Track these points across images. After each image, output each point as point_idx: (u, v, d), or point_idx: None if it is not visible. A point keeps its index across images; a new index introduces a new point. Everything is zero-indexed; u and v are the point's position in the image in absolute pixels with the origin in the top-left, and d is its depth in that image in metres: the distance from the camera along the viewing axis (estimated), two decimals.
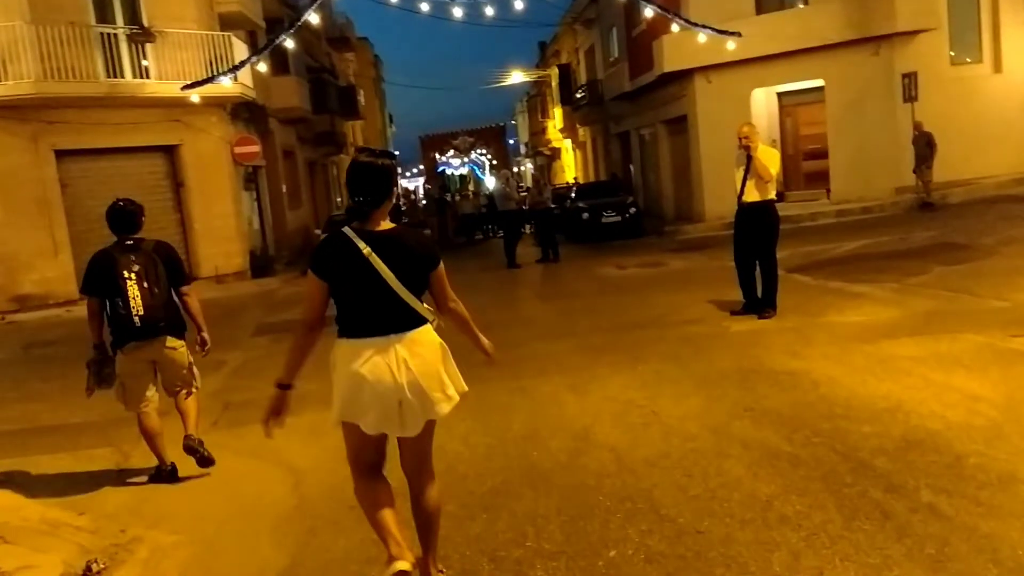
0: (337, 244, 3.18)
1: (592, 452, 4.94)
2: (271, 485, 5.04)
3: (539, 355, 7.95)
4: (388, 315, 3.15)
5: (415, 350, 3.17)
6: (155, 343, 5.22)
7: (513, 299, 12.83)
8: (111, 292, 5.10)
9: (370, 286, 3.12)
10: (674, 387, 6.21)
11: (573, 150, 42.15)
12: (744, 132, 8.25)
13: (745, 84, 19.76)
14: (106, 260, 5.15)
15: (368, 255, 3.11)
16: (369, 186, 3.18)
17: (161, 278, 5.19)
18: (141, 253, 5.18)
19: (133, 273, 5.09)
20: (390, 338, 3.14)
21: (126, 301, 5.05)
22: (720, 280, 10.49)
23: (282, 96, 24.38)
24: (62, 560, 3.88)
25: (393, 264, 3.13)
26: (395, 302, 3.15)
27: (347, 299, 3.18)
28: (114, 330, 5.17)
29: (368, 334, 3.15)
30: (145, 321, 5.09)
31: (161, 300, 5.16)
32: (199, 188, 18.97)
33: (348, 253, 3.13)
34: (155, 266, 5.19)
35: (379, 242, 3.15)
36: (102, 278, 5.12)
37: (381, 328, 3.14)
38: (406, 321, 3.18)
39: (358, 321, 3.17)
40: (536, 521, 4.00)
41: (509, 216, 18.17)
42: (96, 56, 16.99)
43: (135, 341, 5.15)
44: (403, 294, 3.14)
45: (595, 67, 31.67)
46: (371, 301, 3.14)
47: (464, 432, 5.62)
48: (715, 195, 18.83)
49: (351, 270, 3.13)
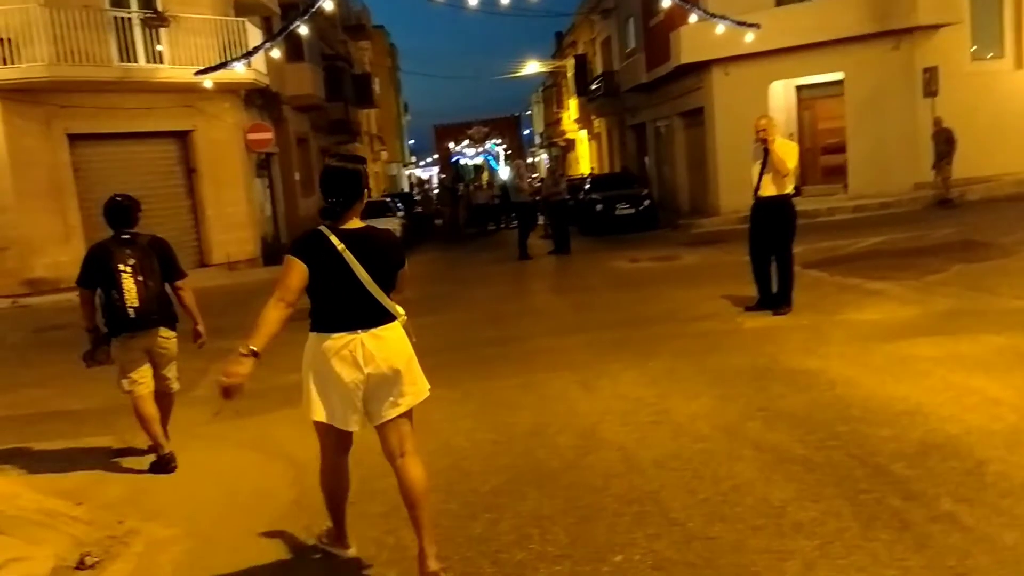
0: (314, 240, 3.35)
1: (600, 451, 4.81)
2: (271, 478, 4.94)
3: (548, 349, 7.82)
4: (358, 310, 3.32)
5: (382, 345, 3.33)
6: (149, 334, 5.33)
7: (524, 291, 12.70)
8: (107, 284, 5.20)
9: (343, 281, 3.30)
10: (685, 385, 6.06)
11: (588, 141, 41.90)
12: (761, 125, 8.07)
13: (763, 77, 19.53)
14: (103, 253, 5.27)
15: (343, 251, 3.29)
16: (341, 188, 3.39)
17: (155, 272, 5.32)
18: (137, 247, 5.30)
19: (129, 266, 5.20)
20: (358, 333, 3.30)
21: (121, 293, 5.15)
22: (735, 275, 10.32)
23: (296, 83, 24.28)
24: (55, 553, 3.80)
25: (365, 261, 3.32)
26: (366, 298, 3.32)
27: (321, 293, 3.34)
28: (109, 320, 5.28)
29: (339, 328, 3.31)
30: (139, 313, 5.19)
31: (155, 293, 5.28)
32: (211, 174, 18.94)
33: (323, 249, 3.31)
34: (150, 260, 5.31)
35: (352, 239, 3.34)
36: (98, 271, 5.23)
37: (351, 323, 3.31)
38: (375, 317, 3.35)
39: (330, 315, 3.33)
40: (541, 522, 3.88)
41: (522, 207, 18.03)
42: (110, 40, 16.94)
43: (129, 332, 5.26)
44: (373, 290, 3.32)
45: (611, 58, 31.42)
46: (343, 296, 3.31)
47: (469, 428, 5.51)
48: (731, 188, 18.64)
49: (326, 265, 3.30)
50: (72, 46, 16.09)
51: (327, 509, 3.66)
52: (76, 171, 17.19)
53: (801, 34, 18.43)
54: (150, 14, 17.51)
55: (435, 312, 10.79)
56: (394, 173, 57.18)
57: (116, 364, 5.38)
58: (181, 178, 18.95)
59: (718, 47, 18.55)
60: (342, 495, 3.62)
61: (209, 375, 7.97)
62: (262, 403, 6.42)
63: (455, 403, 6.19)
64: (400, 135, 61.86)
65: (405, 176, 63.91)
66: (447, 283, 14.32)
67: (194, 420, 6.44)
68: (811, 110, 21.22)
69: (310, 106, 26.10)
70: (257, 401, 6.34)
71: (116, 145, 17.83)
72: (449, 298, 12.24)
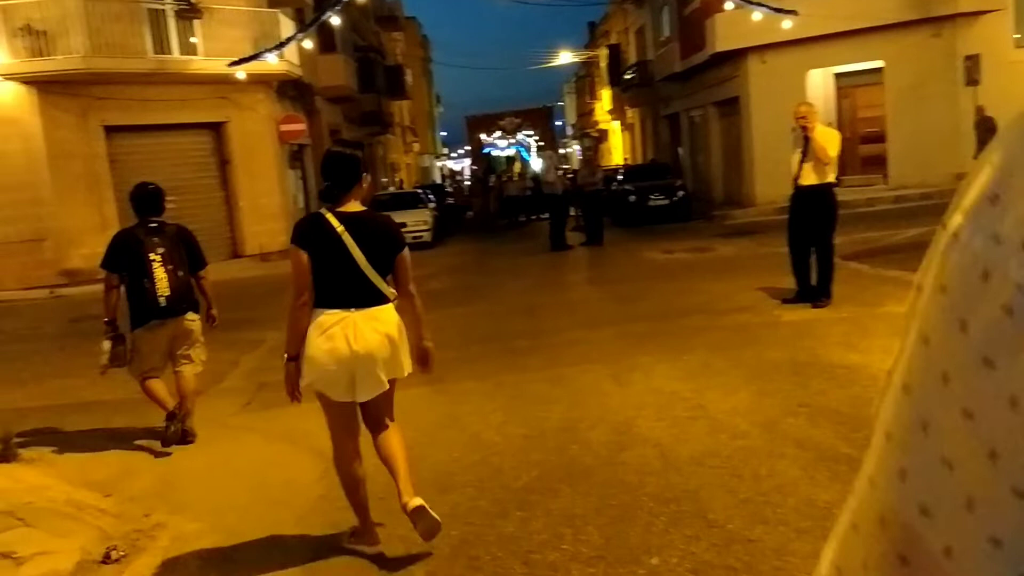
0: (314, 222, 3.54)
1: (634, 447, 4.67)
2: (299, 471, 4.86)
3: (580, 342, 7.69)
4: (353, 290, 3.48)
5: (373, 325, 3.48)
6: (177, 320, 5.38)
7: (556, 283, 12.56)
8: (136, 271, 5.20)
9: (340, 262, 3.46)
10: (722, 379, 5.89)
11: (621, 132, 41.56)
12: (801, 112, 7.84)
13: (801, 65, 19.14)
14: (132, 239, 5.29)
15: (341, 233, 3.46)
16: (340, 172, 3.57)
17: (184, 262, 5.37)
18: (164, 236, 5.35)
19: (159, 255, 5.23)
20: (351, 312, 3.46)
21: (152, 281, 5.18)
22: (771, 267, 10.10)
23: (329, 75, 24.30)
24: (80, 547, 3.75)
25: (362, 243, 3.48)
26: (361, 278, 3.48)
27: (318, 272, 3.48)
28: (136, 308, 5.28)
29: (334, 306, 3.47)
30: (171, 301, 5.24)
31: (185, 282, 5.36)
32: (245, 166, 19.01)
33: (323, 230, 3.48)
34: (178, 249, 5.37)
35: (351, 222, 3.51)
36: (127, 256, 5.24)
37: (346, 301, 3.47)
38: (369, 297, 3.51)
39: (326, 293, 3.49)
40: (574, 522, 3.75)
41: (554, 198, 17.86)
42: (144, 32, 17.06)
43: (157, 319, 5.27)
44: (368, 272, 3.48)
45: (645, 47, 31.08)
46: (339, 276, 3.47)
47: (500, 421, 5.40)
48: (767, 179, 18.32)
49: (325, 246, 3.47)
50: (107, 38, 16.21)
51: (348, 501, 3.69)
52: (112, 163, 17.34)
53: (840, 21, 18.01)
54: (184, 6, 17.59)
55: (466, 303, 10.70)
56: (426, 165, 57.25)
57: (133, 350, 5.36)
58: (215, 169, 19.05)
59: (754, 35, 18.22)
60: (359, 481, 3.65)
61: (240, 367, 7.97)
62: None
63: (485, 396, 6.08)
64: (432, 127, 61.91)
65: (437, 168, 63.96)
66: (478, 274, 14.25)
67: (224, 411, 6.42)
68: (850, 99, 20.78)
69: (343, 97, 26.12)
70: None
71: (151, 137, 17.95)
72: (480, 289, 12.15)
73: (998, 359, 0.52)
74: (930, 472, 0.56)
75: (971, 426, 0.54)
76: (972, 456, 0.54)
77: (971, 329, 0.53)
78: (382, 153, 36.02)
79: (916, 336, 0.59)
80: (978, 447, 0.53)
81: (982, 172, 0.58)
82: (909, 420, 0.58)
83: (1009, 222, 0.52)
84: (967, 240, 0.55)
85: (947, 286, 0.56)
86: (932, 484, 0.57)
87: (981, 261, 0.53)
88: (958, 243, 0.56)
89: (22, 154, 16.32)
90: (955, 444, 0.55)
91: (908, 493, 0.58)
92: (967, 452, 0.54)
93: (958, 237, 0.56)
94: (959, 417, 0.54)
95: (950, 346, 0.55)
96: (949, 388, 0.55)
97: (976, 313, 0.53)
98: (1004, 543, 0.53)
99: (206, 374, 7.69)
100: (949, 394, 0.55)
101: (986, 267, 0.53)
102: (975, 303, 0.53)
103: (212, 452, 5.37)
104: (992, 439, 0.52)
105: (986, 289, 0.52)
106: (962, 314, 0.54)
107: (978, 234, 0.55)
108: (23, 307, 14.56)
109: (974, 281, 0.54)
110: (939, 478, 0.56)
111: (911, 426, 0.58)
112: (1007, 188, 0.54)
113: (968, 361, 0.53)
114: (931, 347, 0.57)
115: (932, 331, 0.57)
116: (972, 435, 0.54)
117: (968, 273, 0.54)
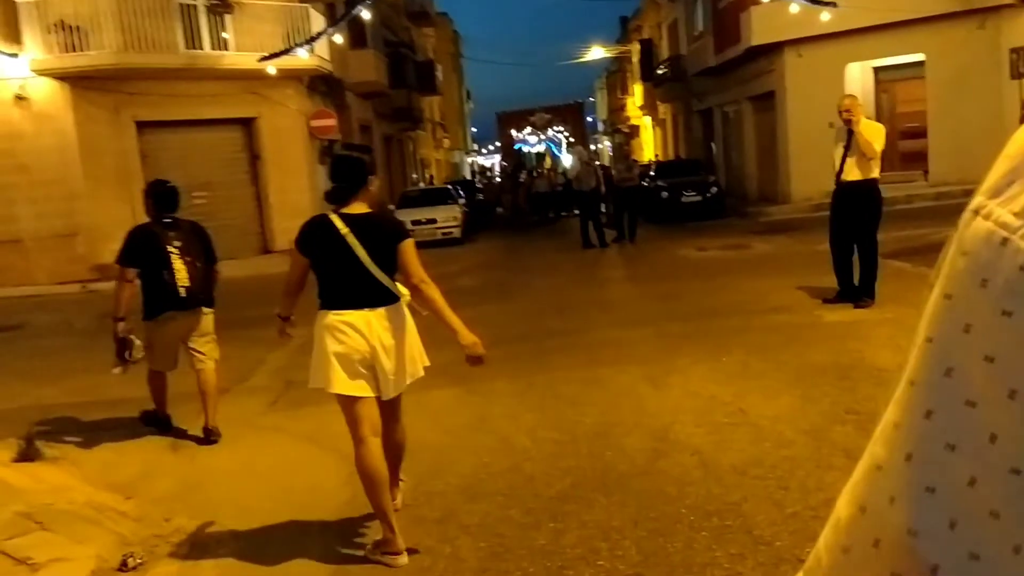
0: (320, 225, 3.59)
1: (673, 455, 4.46)
2: (325, 476, 4.71)
3: (614, 342, 7.47)
4: (363, 291, 3.53)
5: (386, 325, 3.53)
6: (195, 313, 5.45)
7: (588, 281, 12.33)
8: (155, 264, 5.27)
9: (346, 263, 3.51)
10: (763, 383, 5.65)
11: (652, 127, 41.15)
12: (846, 105, 7.56)
13: (839, 58, 18.70)
14: (149, 234, 5.40)
15: (346, 235, 3.50)
16: (347, 175, 3.65)
17: (201, 254, 5.48)
18: (180, 231, 5.48)
19: (176, 248, 5.32)
20: (364, 312, 3.50)
21: (171, 273, 5.26)
22: (810, 265, 9.80)
23: (360, 70, 24.20)
24: (97, 554, 3.62)
25: (367, 243, 3.52)
26: (368, 279, 3.52)
27: (327, 275, 3.58)
28: (153, 300, 5.37)
29: (345, 307, 3.51)
30: (190, 292, 5.34)
31: (203, 274, 5.46)
32: (275, 161, 18.97)
33: (329, 233, 3.54)
34: (194, 243, 5.49)
35: (356, 223, 3.55)
36: (145, 250, 5.32)
37: (357, 302, 3.52)
38: (379, 297, 3.56)
39: (337, 295, 3.55)
40: (610, 535, 3.55)
41: (584, 196, 17.62)
42: (176, 27, 17.04)
43: (175, 311, 5.35)
44: (375, 272, 3.52)
45: (678, 42, 30.67)
46: (347, 277, 3.53)
47: (531, 425, 5.21)
48: (803, 175, 17.96)
49: (331, 248, 3.54)
50: (139, 33, 16.21)
51: (371, 504, 3.57)
52: (143, 158, 17.35)
53: (880, 13, 17.55)
54: (215, 1, 17.56)
55: (496, 300, 10.52)
56: (456, 161, 57.16)
57: (147, 346, 5.43)
58: (245, 165, 19.02)
59: (791, 28, 17.84)
60: (384, 481, 3.56)
61: (267, 364, 7.86)
62: (319, 394, 6.19)
63: (516, 397, 5.90)
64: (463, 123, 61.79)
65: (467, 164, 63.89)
66: (509, 271, 14.05)
67: (252, 409, 6.33)
68: (889, 93, 20.30)
69: (373, 93, 26.03)
70: (315, 392, 6.15)
71: (182, 132, 17.96)
72: (511, 286, 11.96)
73: (1017, 310, 0.57)
74: (954, 411, 0.61)
75: (992, 369, 0.59)
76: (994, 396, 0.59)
77: (991, 286, 0.59)
78: (412, 149, 35.94)
79: (939, 293, 0.64)
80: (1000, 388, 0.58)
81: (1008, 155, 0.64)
82: (933, 366, 0.63)
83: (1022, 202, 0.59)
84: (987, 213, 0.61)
85: (969, 251, 0.62)
86: (956, 423, 0.61)
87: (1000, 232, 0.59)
88: (978, 217, 0.61)
89: (55, 149, 16.39)
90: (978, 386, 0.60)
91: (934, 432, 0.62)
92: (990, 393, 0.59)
93: (978, 212, 0.62)
94: (981, 362, 0.60)
95: (971, 301, 0.61)
96: (971, 336, 0.61)
97: (996, 272, 0.59)
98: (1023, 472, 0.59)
99: (232, 371, 7.63)
100: (971, 341, 0.61)
101: (1005, 236, 0.58)
102: (995, 264, 0.59)
103: (237, 452, 5.26)
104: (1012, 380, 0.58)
105: (1004, 252, 0.58)
106: (983, 274, 0.60)
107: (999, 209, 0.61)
108: (55, 302, 14.61)
109: (994, 247, 0.59)
110: (963, 417, 0.61)
111: (935, 371, 0.62)
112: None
113: (988, 312, 0.59)
114: (953, 301, 0.62)
115: (954, 289, 0.63)
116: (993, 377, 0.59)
117: (989, 240, 0.60)
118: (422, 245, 16.93)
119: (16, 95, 15.99)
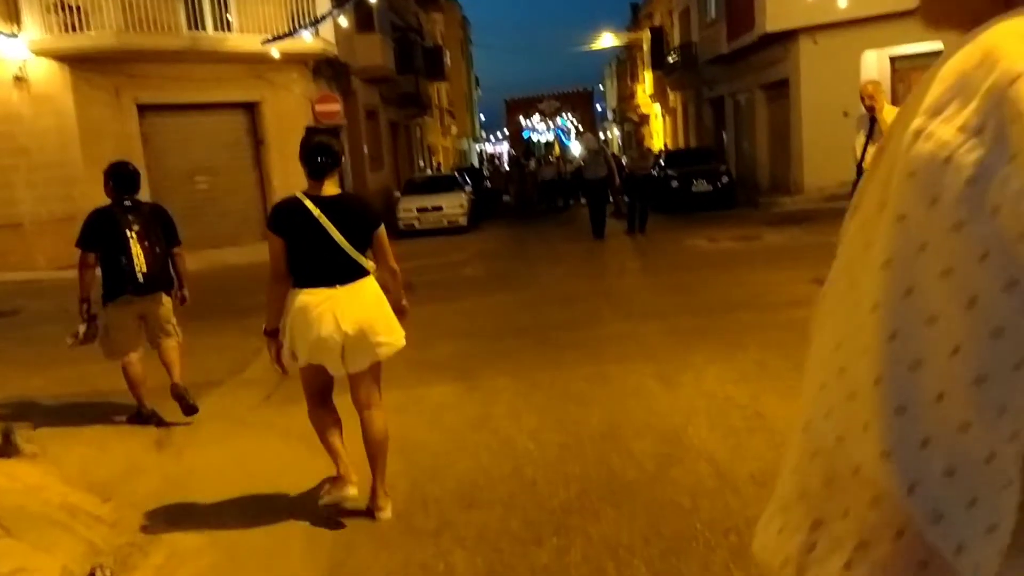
0: (291, 207, 3.69)
1: (686, 461, 4.16)
2: (313, 478, 4.41)
3: (622, 336, 7.17)
4: (335, 267, 3.62)
5: (357, 298, 3.63)
6: (151, 298, 5.41)
7: (595, 271, 12.02)
8: (113, 248, 5.21)
9: (319, 243, 3.59)
10: (781, 383, 5.33)
11: (663, 116, 40.69)
12: (868, 91, 7.23)
13: (855, 46, 18.29)
14: (109, 217, 5.30)
15: (318, 216, 3.59)
16: (316, 156, 3.72)
17: (161, 239, 5.41)
18: (140, 214, 5.39)
19: (134, 232, 5.25)
20: (336, 288, 3.60)
21: (129, 257, 5.20)
22: (825, 257, 9.21)
23: (366, 55, 23.84)
24: (62, 564, 3.34)
25: (339, 223, 3.61)
26: (341, 256, 3.62)
27: (299, 254, 3.64)
28: (110, 283, 5.32)
29: (317, 284, 3.60)
30: (148, 277, 5.28)
31: (162, 258, 5.40)
32: (279, 146, 18.64)
33: (300, 215, 3.63)
34: (154, 226, 5.40)
35: (327, 204, 3.65)
36: (103, 234, 5.25)
37: (329, 279, 3.61)
38: (350, 273, 3.65)
39: (309, 273, 3.63)
40: (617, 552, 3.26)
41: (593, 184, 17.27)
42: (178, 8, 16.73)
43: (132, 295, 5.28)
44: (347, 248, 3.62)
45: (690, 29, 30.21)
46: (320, 256, 3.61)
47: (534, 426, 4.92)
48: (817, 165, 17.59)
49: (303, 229, 3.61)
50: (141, 14, 15.89)
51: (322, 444, 3.91)
52: (145, 142, 17.07)
53: (897, 0, 17.15)
54: None
55: (501, 291, 10.23)
56: (464, 148, 56.76)
57: (102, 330, 5.40)
58: (248, 149, 18.73)
59: (806, 14, 17.47)
60: (332, 428, 3.87)
61: (262, 355, 7.58)
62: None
63: (519, 395, 5.61)
64: (471, 110, 61.33)
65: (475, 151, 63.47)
66: (514, 260, 13.75)
67: (244, 404, 6.10)
68: (906, 82, 19.83)
69: (380, 78, 25.65)
70: None
71: (184, 116, 17.66)
72: (516, 276, 11.65)
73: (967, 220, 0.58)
74: (916, 330, 0.61)
75: (949, 282, 0.59)
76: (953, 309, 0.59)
77: (940, 203, 0.60)
78: (419, 135, 35.58)
79: (891, 216, 0.64)
80: (958, 299, 0.59)
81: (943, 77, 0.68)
82: (892, 288, 0.63)
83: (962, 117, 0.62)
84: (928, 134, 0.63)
85: (915, 172, 0.62)
86: (919, 341, 0.61)
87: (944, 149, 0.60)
88: (919, 138, 0.63)
89: (54, 132, 16.11)
90: (937, 301, 0.60)
91: (898, 352, 0.63)
92: (949, 308, 0.60)
93: (919, 134, 0.63)
94: (938, 277, 0.60)
95: (923, 220, 0.61)
96: (927, 254, 0.62)
97: (943, 189, 0.59)
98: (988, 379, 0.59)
99: (228, 362, 7.37)
100: (927, 259, 0.61)
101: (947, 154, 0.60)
102: (941, 181, 0.59)
103: (225, 450, 5.00)
104: (970, 288, 0.58)
105: (947, 169, 0.59)
106: (931, 193, 0.61)
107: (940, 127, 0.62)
108: (52, 287, 14.35)
109: (938, 164, 0.61)
110: (925, 334, 0.61)
111: (895, 293, 0.63)
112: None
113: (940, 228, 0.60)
114: (906, 223, 0.63)
115: (906, 209, 0.63)
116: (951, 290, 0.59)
117: (933, 159, 0.61)
118: (427, 233, 16.69)
119: (15, 76, 15.70)
